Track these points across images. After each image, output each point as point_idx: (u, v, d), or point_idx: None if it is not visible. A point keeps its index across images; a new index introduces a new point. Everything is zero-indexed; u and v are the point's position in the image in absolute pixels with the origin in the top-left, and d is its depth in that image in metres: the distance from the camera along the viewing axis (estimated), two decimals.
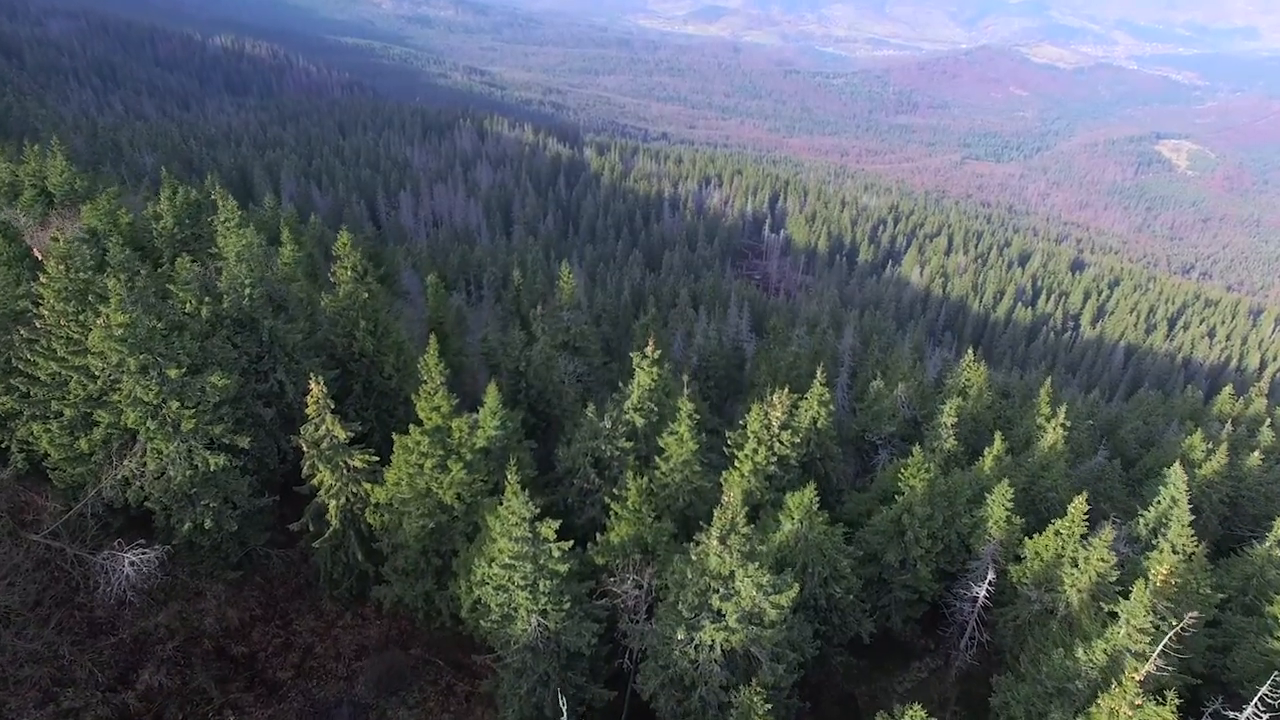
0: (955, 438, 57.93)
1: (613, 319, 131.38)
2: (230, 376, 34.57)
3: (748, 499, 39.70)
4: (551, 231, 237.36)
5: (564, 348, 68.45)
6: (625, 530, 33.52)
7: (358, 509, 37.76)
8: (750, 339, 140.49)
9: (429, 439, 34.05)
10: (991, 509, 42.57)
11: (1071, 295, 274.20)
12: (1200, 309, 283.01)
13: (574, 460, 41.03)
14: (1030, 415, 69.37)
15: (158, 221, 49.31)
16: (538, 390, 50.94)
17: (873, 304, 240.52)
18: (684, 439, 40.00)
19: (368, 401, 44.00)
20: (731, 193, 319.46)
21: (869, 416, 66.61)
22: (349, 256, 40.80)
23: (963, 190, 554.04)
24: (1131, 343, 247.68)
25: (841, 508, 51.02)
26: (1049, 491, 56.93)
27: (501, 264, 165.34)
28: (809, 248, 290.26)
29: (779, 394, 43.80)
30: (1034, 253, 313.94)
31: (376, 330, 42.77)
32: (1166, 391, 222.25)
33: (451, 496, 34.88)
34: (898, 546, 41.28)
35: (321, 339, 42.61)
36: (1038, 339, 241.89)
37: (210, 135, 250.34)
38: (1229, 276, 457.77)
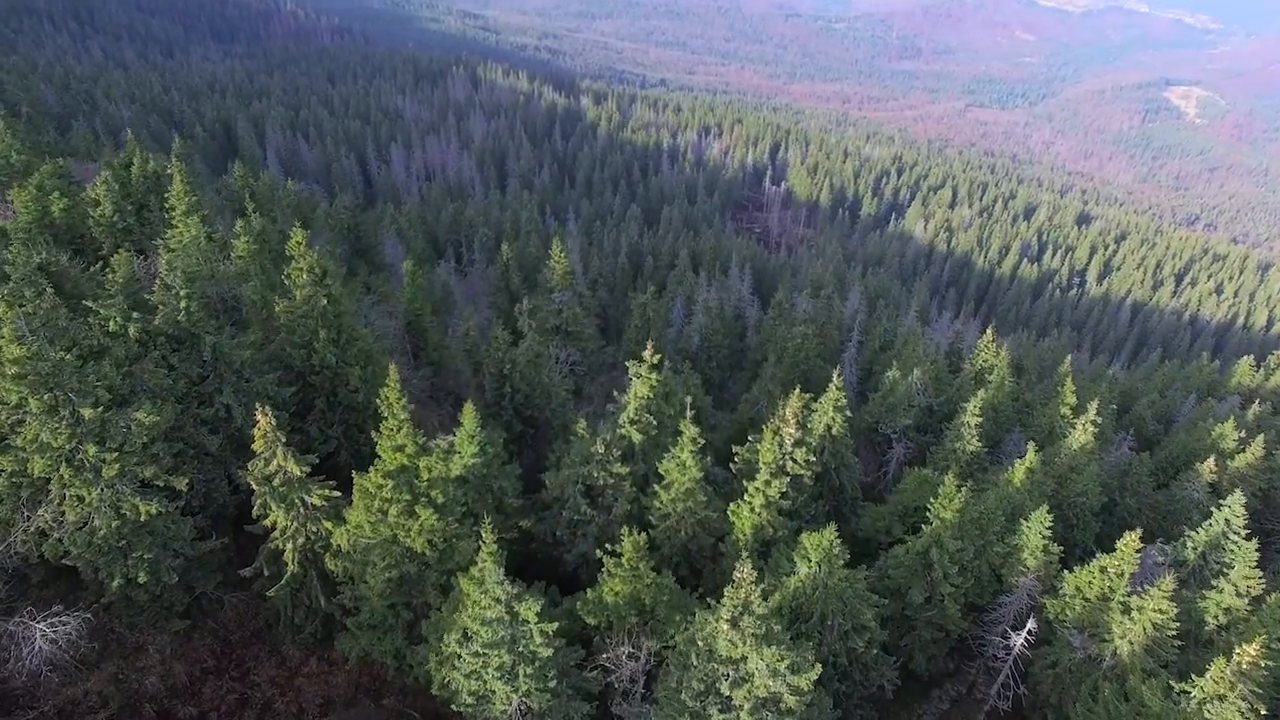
0: (979, 438, 53.56)
1: (610, 284, 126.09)
2: (163, 408, 29.80)
3: (758, 534, 35.41)
4: (547, 185, 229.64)
5: (555, 333, 63.75)
6: (620, 588, 29.22)
7: (319, 548, 33.37)
8: (752, 302, 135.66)
9: (392, 482, 29.46)
10: (1027, 536, 38.35)
11: (1078, 250, 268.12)
12: (1208, 264, 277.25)
13: (563, 488, 36.55)
14: (1053, 405, 64.88)
15: (95, 208, 43.83)
16: (524, 394, 46.27)
17: (876, 260, 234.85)
18: (686, 465, 35.52)
19: (333, 417, 39.31)
20: (731, 143, 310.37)
21: (883, 408, 62.11)
22: (304, 257, 35.66)
23: (966, 139, 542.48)
24: (1138, 300, 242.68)
25: (858, 521, 46.85)
26: (1078, 497, 52.85)
27: (495, 223, 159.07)
28: (811, 200, 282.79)
29: (791, 406, 39.13)
30: (1039, 205, 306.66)
31: (340, 339, 37.83)
32: (1172, 351, 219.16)
33: (422, 544, 30.46)
34: (923, 582, 37.12)
35: (277, 350, 37.64)
36: (1043, 296, 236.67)
37: (193, 86, 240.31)
38: (1234, 228, 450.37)
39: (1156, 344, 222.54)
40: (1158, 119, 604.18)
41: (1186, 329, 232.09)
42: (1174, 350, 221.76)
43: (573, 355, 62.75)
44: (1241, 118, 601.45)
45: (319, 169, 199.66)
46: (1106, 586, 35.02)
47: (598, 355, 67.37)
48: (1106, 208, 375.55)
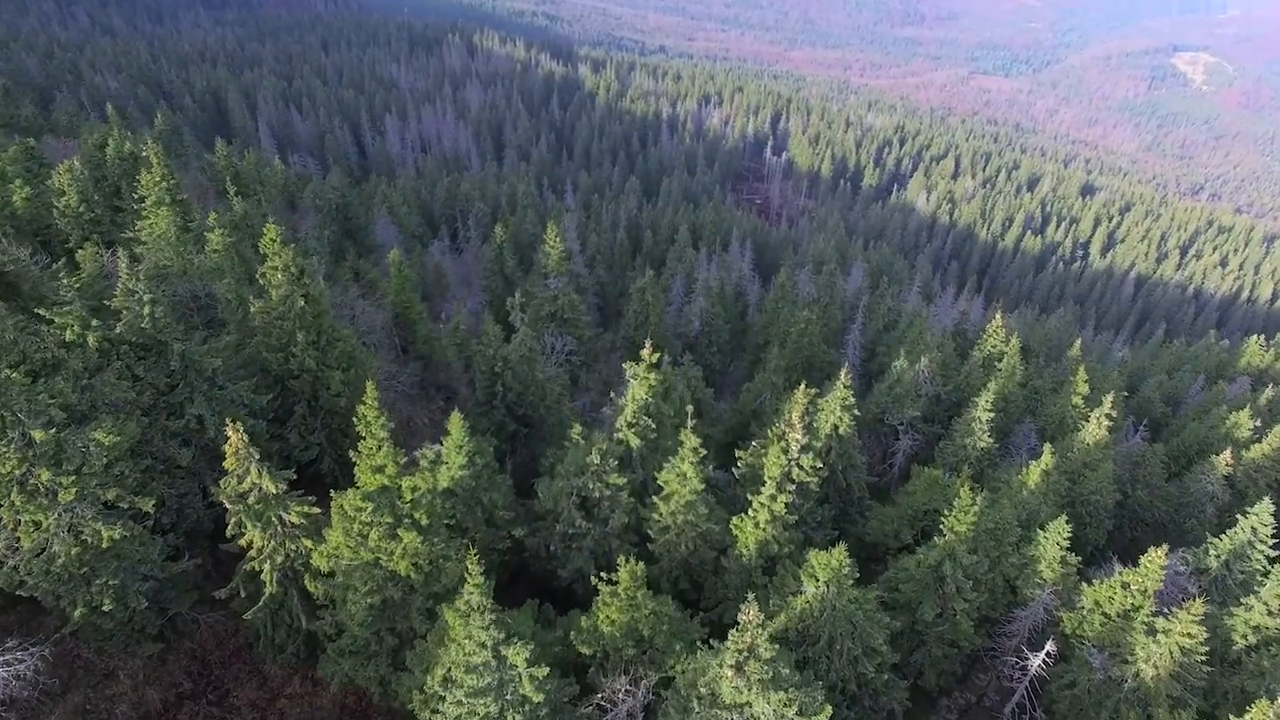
0: (990, 433, 51.67)
1: (608, 261, 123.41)
2: (127, 424, 27.74)
3: (762, 550, 33.55)
4: (544, 157, 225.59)
5: (550, 320, 61.55)
6: (616, 616, 27.38)
7: (299, 565, 31.51)
8: (753, 278, 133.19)
9: (373, 504, 27.48)
10: (1044, 547, 36.55)
11: (1081, 222, 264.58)
12: (1213, 236, 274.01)
13: (556, 500, 34.61)
14: (1065, 395, 62.89)
15: (60, 198, 41.36)
16: (516, 393, 44.18)
17: (878, 233, 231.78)
18: (687, 477, 33.57)
19: (314, 423, 37.28)
20: (732, 112, 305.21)
21: (889, 399, 60.12)
22: (279, 255, 33.33)
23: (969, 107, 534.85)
24: (1142, 273, 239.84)
25: (865, 524, 45.06)
26: (1093, 495, 51.11)
27: (491, 196, 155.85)
28: (812, 171, 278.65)
29: (796, 410, 37.10)
30: (1043, 176, 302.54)
31: (320, 340, 35.64)
32: (1175, 325, 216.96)
33: (405, 567, 28.57)
34: (935, 597, 35.35)
35: (253, 353, 35.49)
36: (1046, 269, 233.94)
37: (182, 54, 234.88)
38: (1238, 198, 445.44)
39: (1160, 319, 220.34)
40: (1164, 86, 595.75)
41: (1190, 303, 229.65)
42: (1177, 325, 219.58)
43: (569, 344, 60.59)
44: (1249, 84, 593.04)
45: (313, 141, 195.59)
46: (1129, 604, 33.29)
47: (595, 342, 65.19)
48: (1110, 178, 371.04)
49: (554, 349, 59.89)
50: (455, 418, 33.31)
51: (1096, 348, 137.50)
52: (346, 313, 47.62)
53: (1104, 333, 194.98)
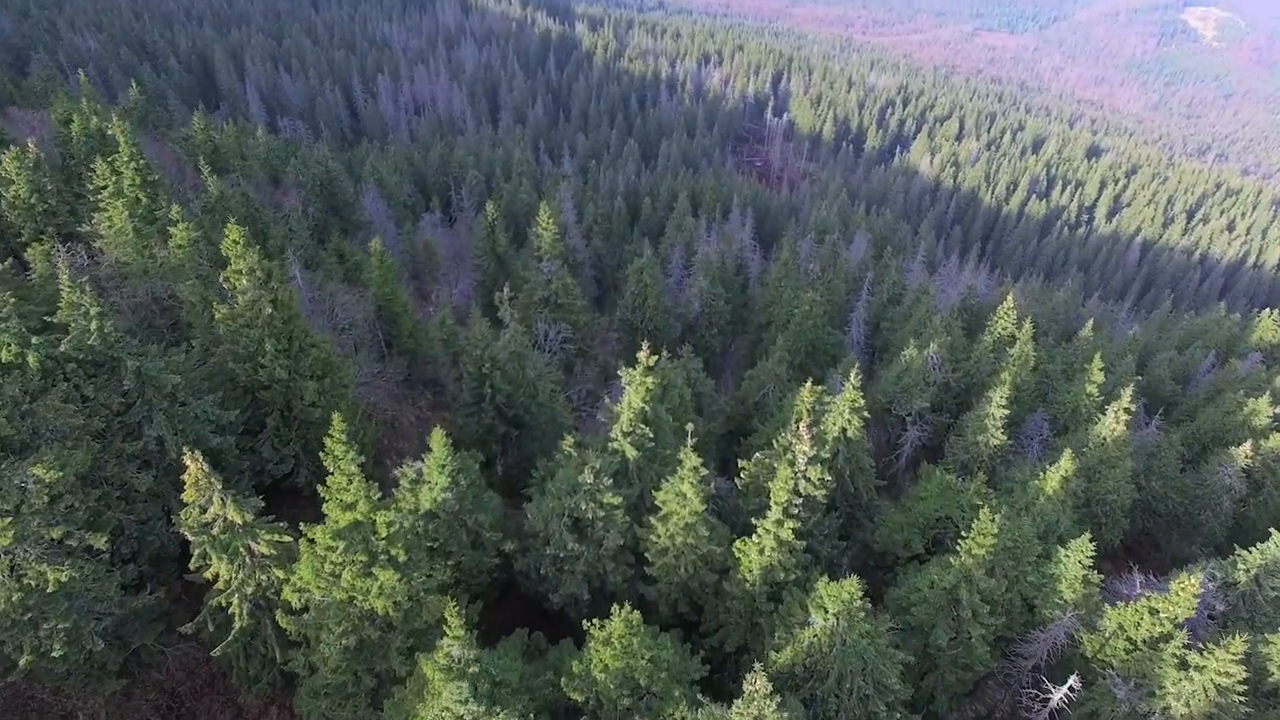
0: (1004, 431, 49.37)
1: (605, 231, 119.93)
2: (74, 454, 25.32)
3: (767, 576, 31.35)
4: (541, 119, 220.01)
5: (544, 305, 58.90)
6: (610, 662, 25.22)
7: (272, 594, 29.35)
8: (754, 248, 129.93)
9: (344, 542, 25.17)
10: (1065, 565, 34.39)
11: (1087, 185, 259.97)
12: (1220, 199, 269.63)
13: (546, 521, 32.32)
14: (1079, 383, 60.46)
15: (9, 188, 38.36)
16: (506, 394, 41.70)
17: (880, 197, 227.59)
18: (687, 498, 31.26)
19: (288, 434, 34.85)
20: (732, 72, 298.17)
21: (898, 388, 57.74)
22: (244, 258, 30.54)
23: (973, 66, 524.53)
24: (1148, 238, 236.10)
25: (874, 531, 42.91)
26: (1109, 495, 49.00)
27: (486, 162, 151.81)
28: (814, 133, 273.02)
29: (804, 419, 34.71)
30: (1048, 138, 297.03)
31: (291, 348, 33.03)
32: (1180, 291, 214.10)
33: (383, 606, 26.35)
34: (949, 621, 33.29)
35: (220, 362, 32.91)
36: (1050, 235, 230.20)
37: (167, 11, 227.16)
38: (1246, 158, 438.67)
39: (1165, 285, 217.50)
40: (1173, 42, 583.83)
41: (1196, 269, 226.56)
42: (1182, 291, 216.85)
43: (563, 332, 57.97)
44: (1262, 40, 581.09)
45: (303, 104, 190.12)
46: (1158, 631, 31.23)
47: (591, 327, 62.55)
48: (1116, 138, 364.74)
49: (547, 337, 57.32)
50: (437, 434, 30.84)
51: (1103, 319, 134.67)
52: (326, 306, 44.91)
53: (1109, 301, 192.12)
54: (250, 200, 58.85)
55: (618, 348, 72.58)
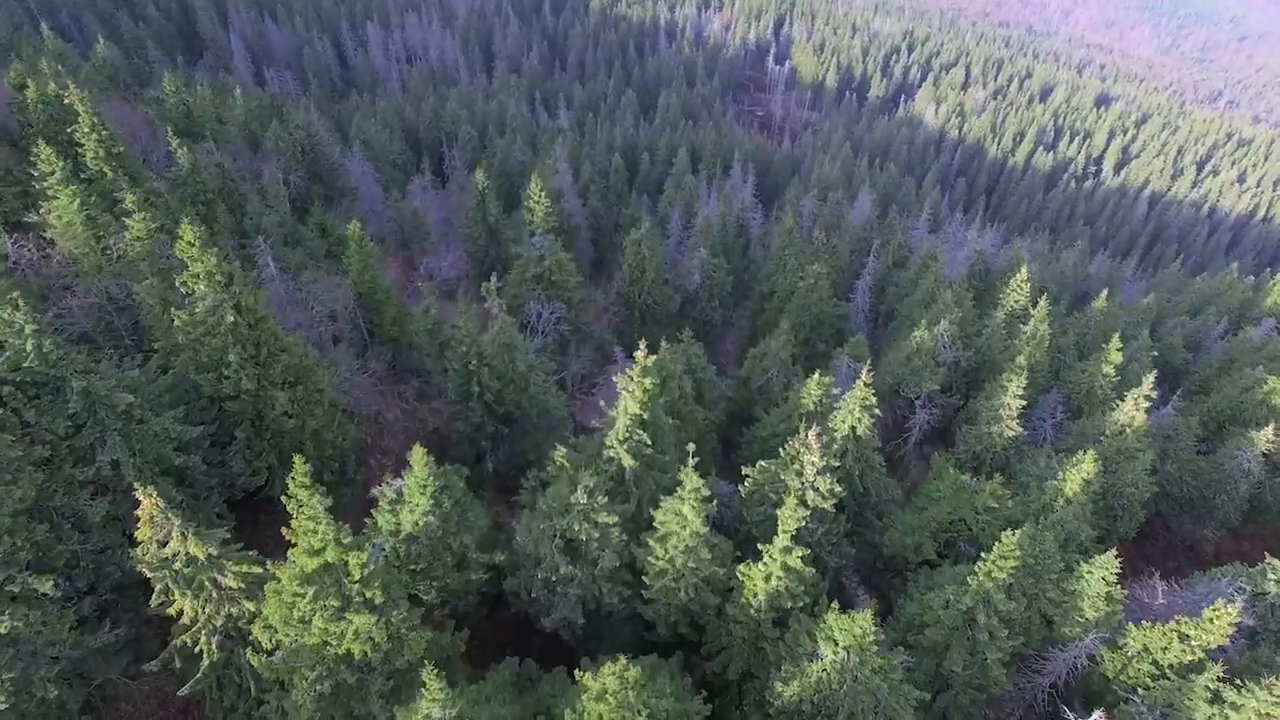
0: (1019, 422, 47.14)
1: (602, 191, 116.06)
2: (13, 488, 23.02)
3: (773, 602, 29.34)
4: (536, 69, 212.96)
5: (537, 282, 56.21)
6: (605, 713, 23.28)
7: (244, 624, 27.38)
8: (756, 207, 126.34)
9: (314, 588, 23.04)
10: (1087, 582, 32.44)
11: (1095, 136, 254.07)
12: (1231, 150, 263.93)
13: (537, 543, 30.19)
14: (1095, 363, 58.05)
15: None
16: (495, 391, 39.27)
17: (883, 149, 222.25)
18: (688, 520, 29.11)
19: (260, 445, 32.54)
20: (733, 17, 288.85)
21: (907, 370, 55.38)
22: (200, 261, 27.79)
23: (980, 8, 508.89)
24: (1156, 191, 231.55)
25: (884, 535, 40.94)
26: (1127, 488, 47.02)
27: (480, 116, 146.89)
28: (816, 82, 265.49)
29: (813, 429, 32.42)
30: (1056, 86, 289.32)
31: (260, 354, 30.50)
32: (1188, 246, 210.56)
33: (360, 648, 24.37)
34: (964, 645, 31.45)
35: (182, 371, 30.42)
36: (1057, 188, 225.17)
37: None
38: (1258, 105, 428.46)
39: (1172, 240, 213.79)
40: None
41: (1204, 223, 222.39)
42: (1189, 246, 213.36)
43: (557, 311, 55.34)
44: None
45: (290, 54, 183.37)
46: (1188, 659, 29.41)
47: (584, 306, 59.87)
48: (1126, 85, 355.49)
49: (540, 317, 54.71)
50: (418, 452, 28.52)
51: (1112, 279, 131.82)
52: (303, 294, 42.19)
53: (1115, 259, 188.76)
54: (226, 172, 55.62)
55: (614, 320, 70.01)
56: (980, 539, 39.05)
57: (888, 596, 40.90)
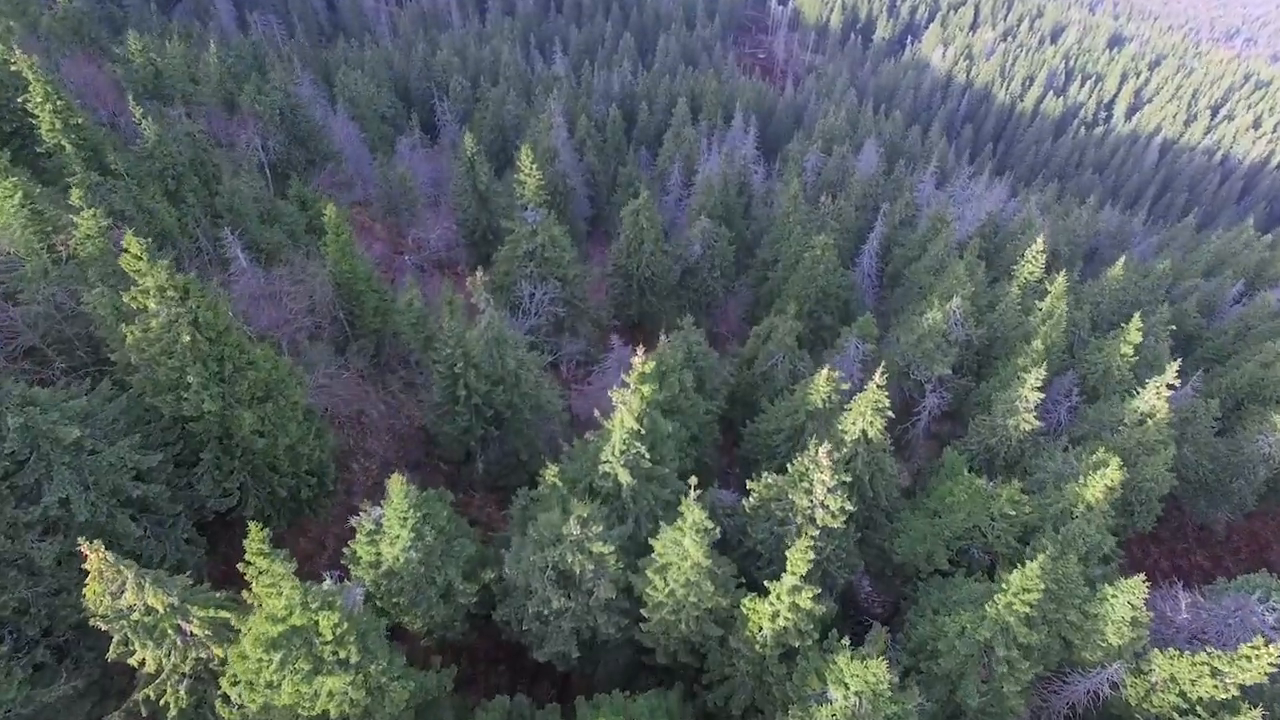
0: (1037, 415, 44.87)
1: (598, 145, 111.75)
2: None
3: (779, 638, 27.44)
4: (531, 10, 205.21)
5: (529, 258, 53.43)
6: None
7: (215, 667, 25.52)
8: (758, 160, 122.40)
9: (280, 653, 21.02)
10: (1111, 607, 30.55)
11: (1107, 80, 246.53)
12: (1247, 94, 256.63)
13: (527, 576, 28.14)
14: (1113, 344, 55.51)
15: None
16: (483, 393, 36.87)
17: (889, 94, 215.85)
18: (688, 553, 27.03)
19: (230, 465, 30.26)
20: None
21: (918, 353, 52.95)
22: (150, 274, 25.08)
23: None
24: (1168, 137, 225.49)
25: (894, 541, 39.01)
26: (1146, 482, 45.03)
27: (472, 63, 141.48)
28: (820, 23, 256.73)
29: (825, 447, 30.19)
30: (1068, 26, 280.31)
31: (223, 371, 28.00)
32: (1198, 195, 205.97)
33: (338, 708, 22.49)
34: (980, 669, 29.71)
35: (138, 391, 27.95)
36: (1065, 134, 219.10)
37: None
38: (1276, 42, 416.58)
39: (1182, 188, 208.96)
40: None
41: (1216, 170, 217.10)
42: (1200, 194, 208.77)
43: (551, 291, 52.64)
44: None
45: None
46: (1221, 696, 27.66)
47: (580, 282, 57.03)
48: (1140, 23, 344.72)
49: (533, 298, 52.02)
50: (396, 482, 26.25)
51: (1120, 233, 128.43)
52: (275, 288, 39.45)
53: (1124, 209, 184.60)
54: (197, 141, 52.19)
55: (612, 293, 67.19)
56: (994, 546, 37.21)
57: (897, 602, 39.23)
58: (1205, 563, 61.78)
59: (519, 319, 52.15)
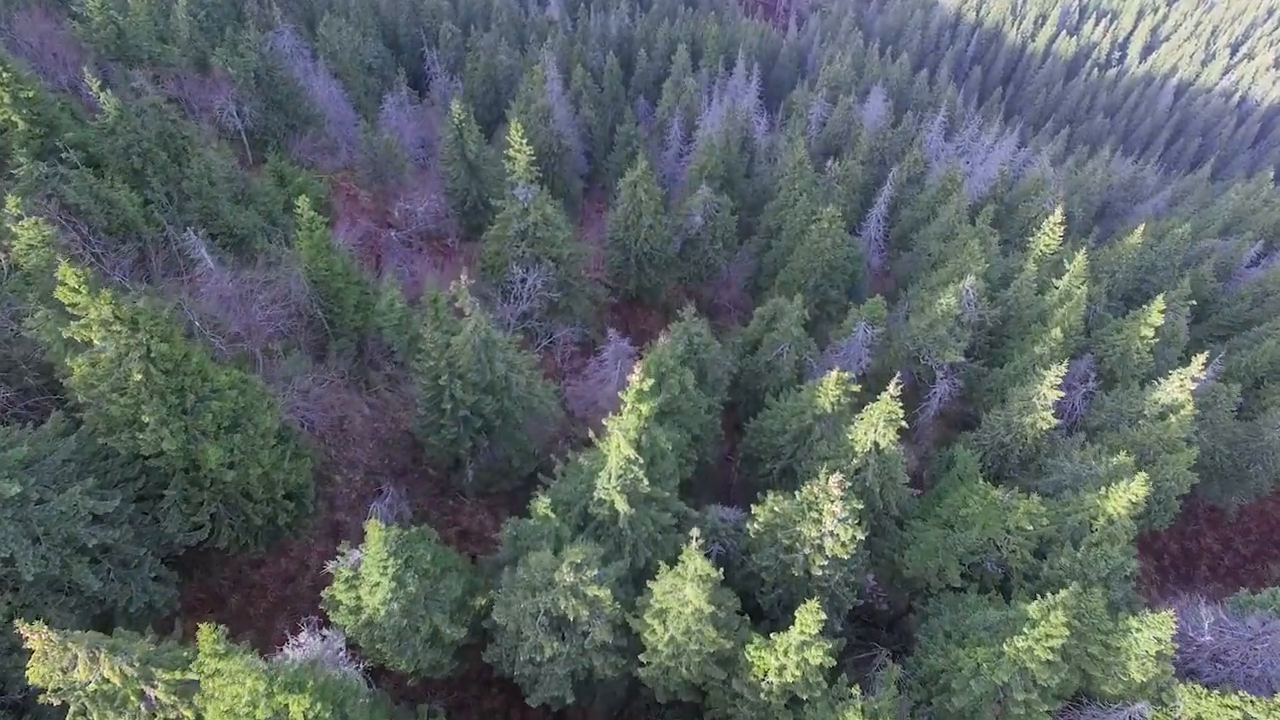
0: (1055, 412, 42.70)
1: (595, 98, 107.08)
2: None
3: (786, 690, 25.78)
4: None
5: (521, 238, 50.83)
6: None
7: None
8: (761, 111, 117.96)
9: None
10: (1136, 641, 28.88)
11: (1123, 17, 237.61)
12: (1270, 30, 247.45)
13: (518, 622, 26.33)
14: (1133, 324, 53.05)
15: None
16: (470, 404, 34.64)
17: (895, 34, 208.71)
18: (689, 600, 25.19)
19: (198, 494, 28.22)
20: None
21: (930, 339, 50.58)
22: (92, 307, 22.61)
23: None
24: (1184, 79, 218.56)
25: (904, 554, 37.25)
26: (1167, 482, 43.18)
27: (463, 7, 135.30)
28: None
29: (836, 475, 28.15)
30: None
31: (184, 404, 25.72)
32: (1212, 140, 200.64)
33: None
34: (993, 715, 28.19)
35: (90, 427, 25.70)
36: (1078, 76, 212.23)
37: None
38: None
39: (1196, 132, 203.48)
40: None
41: (1232, 114, 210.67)
42: (1214, 139, 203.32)
43: (545, 275, 50.00)
44: None
45: None
46: None
47: (575, 262, 54.24)
48: None
49: (524, 282, 49.39)
50: (374, 528, 24.22)
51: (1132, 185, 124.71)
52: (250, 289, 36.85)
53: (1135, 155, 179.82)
54: (164, 113, 48.71)
55: (609, 265, 64.45)
56: (1010, 561, 35.49)
57: (906, 618, 37.75)
58: (1215, 545, 60.57)
59: (510, 304, 49.67)
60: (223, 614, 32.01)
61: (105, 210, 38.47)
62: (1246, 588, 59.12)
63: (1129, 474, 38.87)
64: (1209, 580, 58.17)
